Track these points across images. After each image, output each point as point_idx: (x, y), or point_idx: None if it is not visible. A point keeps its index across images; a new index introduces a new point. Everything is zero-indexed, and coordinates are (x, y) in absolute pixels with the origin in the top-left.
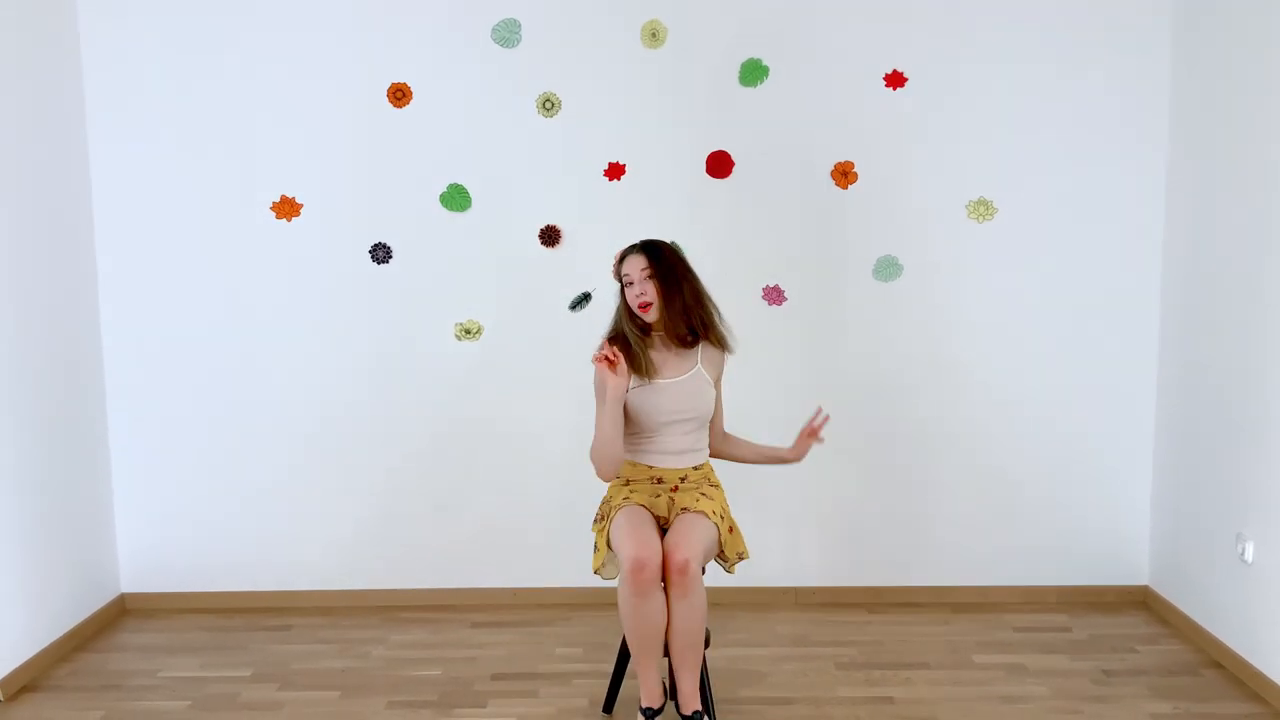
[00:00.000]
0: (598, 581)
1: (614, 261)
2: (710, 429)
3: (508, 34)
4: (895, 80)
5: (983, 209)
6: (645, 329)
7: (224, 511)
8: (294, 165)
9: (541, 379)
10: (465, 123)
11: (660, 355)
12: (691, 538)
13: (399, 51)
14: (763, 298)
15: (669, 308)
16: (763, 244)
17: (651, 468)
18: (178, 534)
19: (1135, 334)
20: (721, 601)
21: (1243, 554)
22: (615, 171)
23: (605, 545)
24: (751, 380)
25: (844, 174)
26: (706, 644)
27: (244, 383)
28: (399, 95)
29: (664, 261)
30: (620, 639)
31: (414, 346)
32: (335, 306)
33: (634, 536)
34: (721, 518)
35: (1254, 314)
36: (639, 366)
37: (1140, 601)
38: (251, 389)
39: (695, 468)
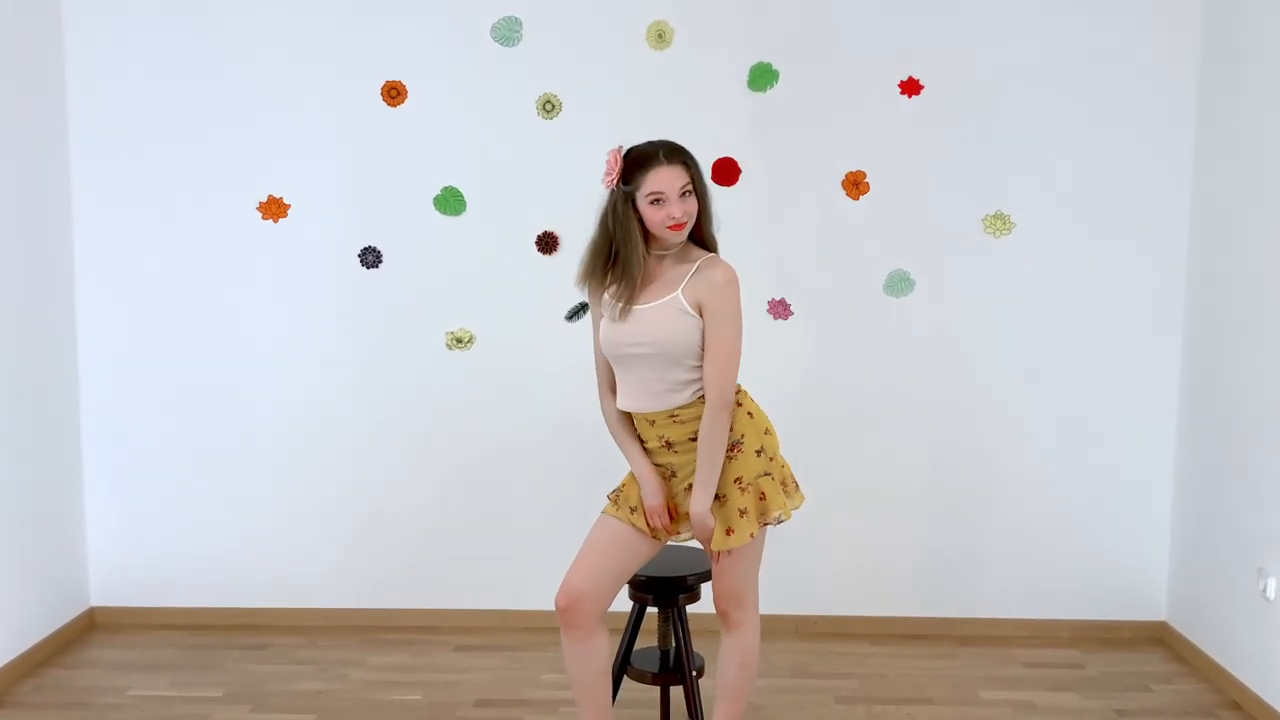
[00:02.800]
0: None
1: (614, 161)
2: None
3: (508, 32)
4: (911, 88)
5: (999, 223)
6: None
7: (199, 524)
8: (282, 164)
9: (535, 391)
10: (462, 123)
11: (657, 279)
12: (733, 571)
13: (394, 48)
14: (768, 311)
15: (695, 229)
16: (769, 255)
17: (643, 416)
18: (150, 546)
19: (1156, 357)
20: (714, 627)
21: (1264, 590)
22: None
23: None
24: (755, 396)
25: (855, 184)
26: (700, 673)
27: (223, 391)
28: (393, 94)
29: (696, 169)
30: (611, 665)
31: (403, 355)
32: (321, 312)
33: (580, 561)
34: (743, 488)
35: None
36: (630, 296)
37: (1157, 638)
38: (231, 397)
39: (673, 415)
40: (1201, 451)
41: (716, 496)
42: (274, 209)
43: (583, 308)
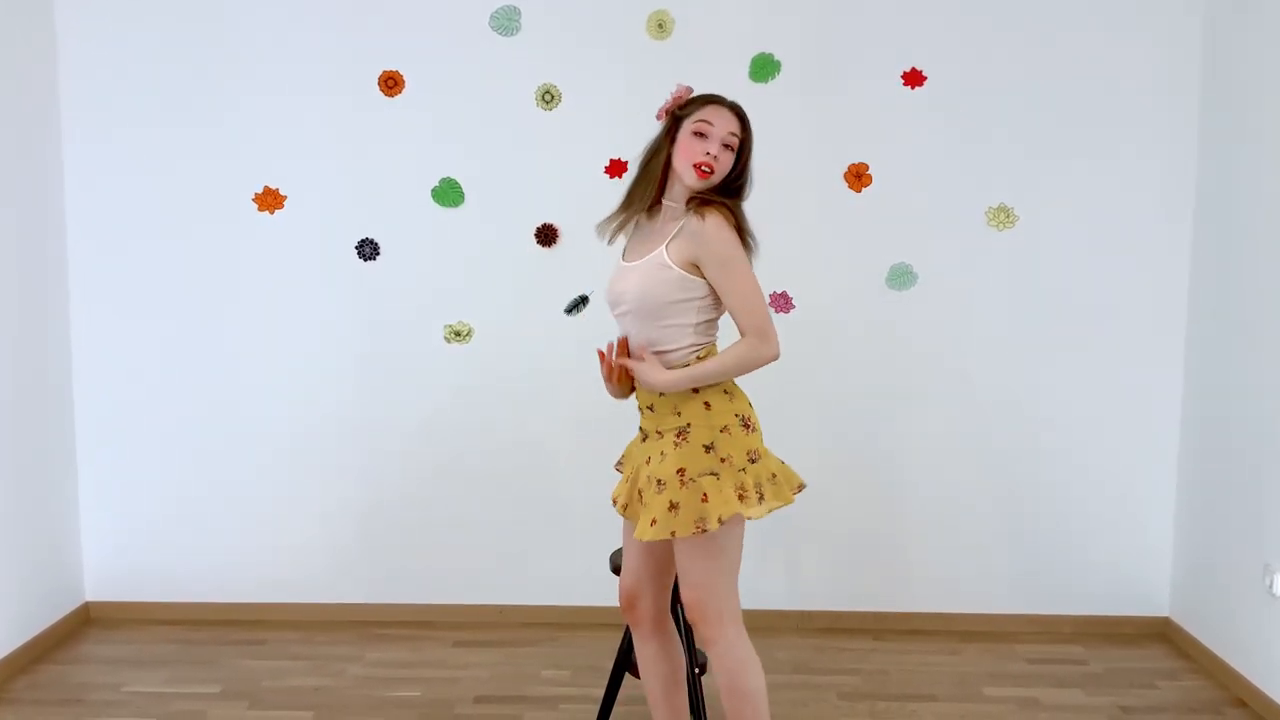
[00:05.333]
0: (588, 600)
1: (680, 93)
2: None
3: (507, 21)
4: (914, 79)
5: (1003, 216)
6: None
7: (195, 518)
8: (278, 155)
9: (534, 385)
10: (460, 114)
11: (648, 227)
12: (684, 574)
13: (392, 37)
14: (770, 305)
15: (717, 187)
16: (770, 248)
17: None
18: (146, 540)
19: (1160, 351)
20: None
21: (1270, 586)
22: (617, 169)
23: None
24: (755, 390)
25: (858, 176)
26: (702, 670)
27: (219, 384)
28: (390, 84)
29: (750, 134)
30: (612, 662)
31: (400, 349)
32: (318, 305)
33: (625, 565)
34: (684, 482)
35: None
36: (620, 224)
37: (1160, 634)
38: (227, 390)
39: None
40: (1206, 445)
41: (660, 483)
42: (270, 200)
43: (582, 300)
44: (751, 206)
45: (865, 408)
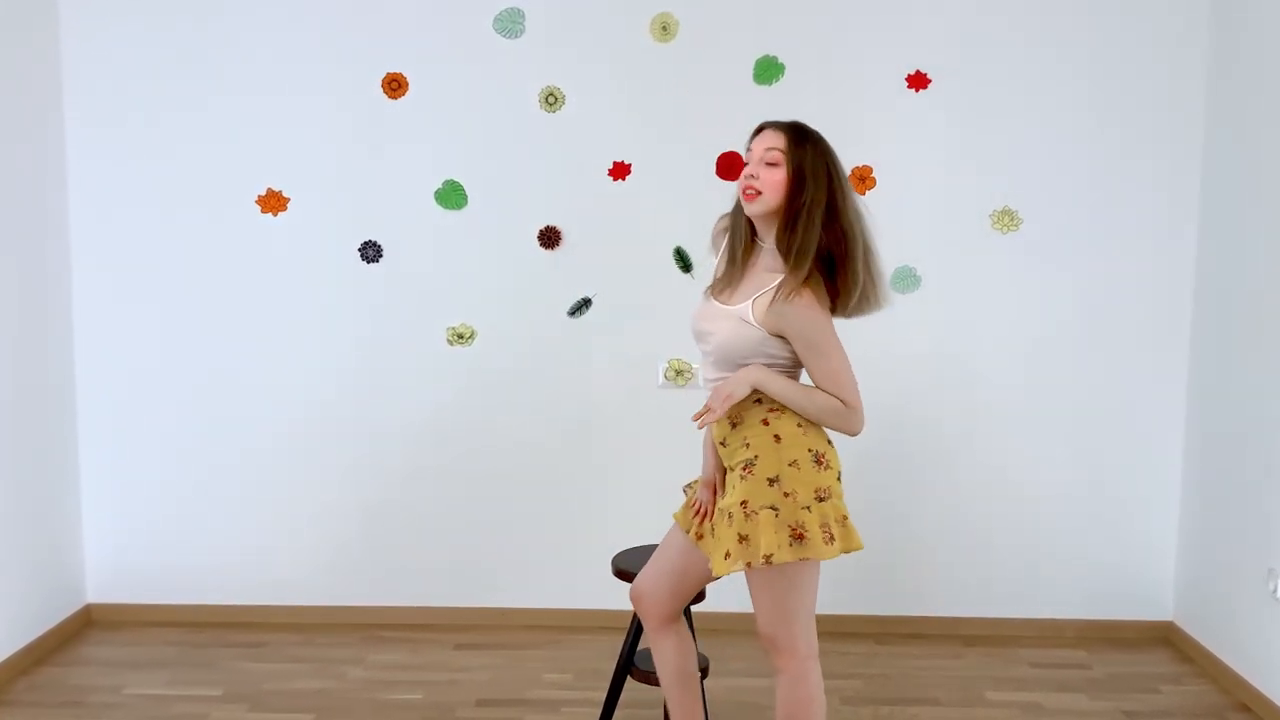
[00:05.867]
0: (590, 603)
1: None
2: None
3: (511, 24)
4: (918, 81)
5: (1007, 219)
6: (752, 231)
7: (197, 520)
8: (282, 157)
9: (537, 388)
10: (464, 116)
11: (748, 265)
12: (761, 607)
13: (395, 40)
14: None
15: (786, 213)
16: None
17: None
18: (148, 542)
19: (1164, 354)
20: (720, 628)
21: (1275, 590)
22: (620, 171)
23: None
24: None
25: (861, 179)
26: (705, 674)
27: (222, 386)
28: (394, 85)
29: (805, 149)
30: (614, 665)
31: (403, 351)
32: (321, 307)
33: (649, 561)
34: (748, 514)
35: None
36: (728, 278)
37: (1164, 638)
38: (230, 393)
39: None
40: (1210, 448)
41: (728, 515)
42: (273, 203)
43: (585, 303)
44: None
45: (868, 411)
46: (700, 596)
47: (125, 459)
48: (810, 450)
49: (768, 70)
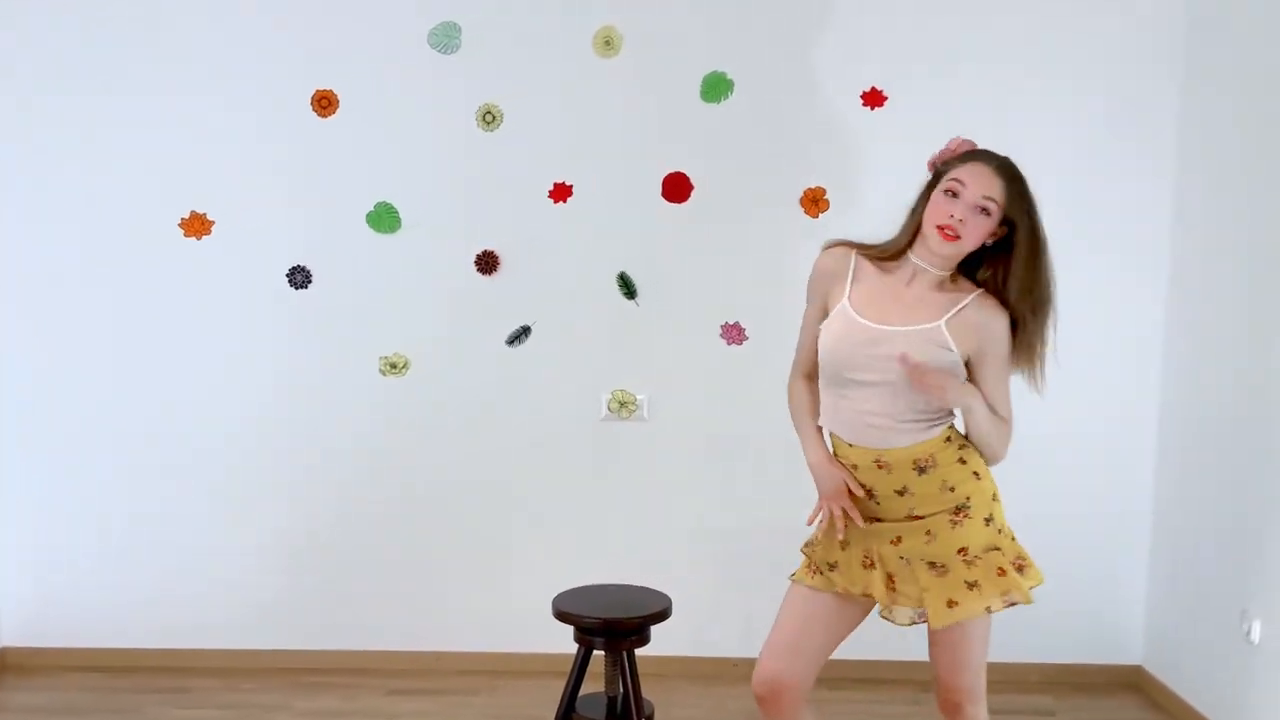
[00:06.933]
0: (530, 647)
1: (953, 145)
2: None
3: (446, 39)
4: (874, 99)
5: None
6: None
7: (116, 561)
8: (206, 178)
9: (474, 420)
10: (397, 135)
11: (896, 289)
12: (963, 660)
13: (324, 55)
14: (721, 336)
15: (988, 269)
16: (722, 276)
17: (844, 442)
18: (64, 583)
19: (1135, 386)
20: (664, 672)
21: (1248, 633)
22: (561, 193)
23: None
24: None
25: (814, 201)
26: None
27: (142, 420)
28: (324, 103)
29: (1023, 205)
30: (554, 712)
31: (333, 381)
32: (247, 335)
33: (774, 640)
34: (969, 560)
35: (1265, 367)
36: (868, 297)
37: (1132, 683)
38: (150, 426)
39: (878, 461)
40: (1181, 486)
41: (935, 565)
42: (197, 226)
43: (525, 331)
44: (704, 232)
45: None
46: (643, 641)
47: (41, 497)
48: (996, 489)
49: (716, 87)
